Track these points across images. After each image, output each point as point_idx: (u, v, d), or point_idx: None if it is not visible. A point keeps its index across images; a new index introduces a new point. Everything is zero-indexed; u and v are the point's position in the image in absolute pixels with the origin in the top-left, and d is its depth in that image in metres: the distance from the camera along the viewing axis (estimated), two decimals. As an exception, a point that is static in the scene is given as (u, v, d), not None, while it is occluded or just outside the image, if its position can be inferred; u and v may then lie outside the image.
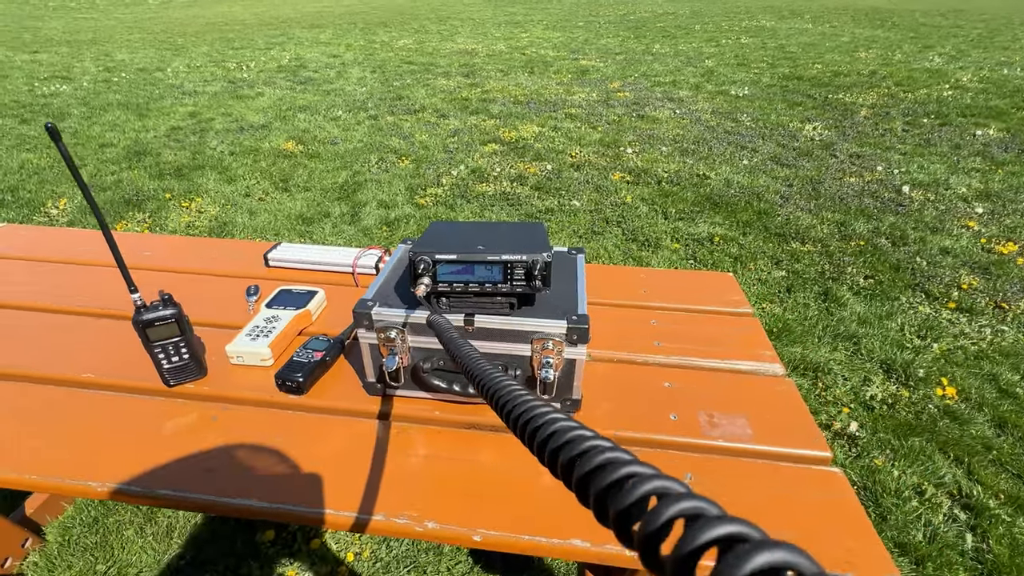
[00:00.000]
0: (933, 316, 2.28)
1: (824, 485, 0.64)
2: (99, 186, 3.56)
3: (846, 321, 2.22)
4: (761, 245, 2.83)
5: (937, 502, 1.44)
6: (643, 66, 7.47)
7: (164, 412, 0.75)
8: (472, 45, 9.31)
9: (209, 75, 6.98)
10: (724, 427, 0.72)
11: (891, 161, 4.07)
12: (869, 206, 3.31)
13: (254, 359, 0.82)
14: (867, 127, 4.90)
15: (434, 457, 0.68)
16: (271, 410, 0.76)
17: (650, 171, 3.75)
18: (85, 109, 5.40)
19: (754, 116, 5.18)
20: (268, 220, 3.06)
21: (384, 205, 3.24)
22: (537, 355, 0.67)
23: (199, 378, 0.79)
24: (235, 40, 10.11)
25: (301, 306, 0.91)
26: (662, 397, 0.78)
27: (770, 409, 0.76)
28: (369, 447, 0.70)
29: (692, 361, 0.85)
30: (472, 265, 0.63)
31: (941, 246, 2.84)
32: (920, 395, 1.83)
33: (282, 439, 0.71)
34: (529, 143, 4.31)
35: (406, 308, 0.68)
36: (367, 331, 0.69)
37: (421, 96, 5.83)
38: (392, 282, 0.75)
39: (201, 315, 0.95)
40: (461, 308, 0.68)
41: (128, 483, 0.65)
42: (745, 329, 0.94)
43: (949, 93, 5.85)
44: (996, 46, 8.48)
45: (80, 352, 0.86)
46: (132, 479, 0.65)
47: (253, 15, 14.82)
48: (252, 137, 4.48)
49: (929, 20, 12.06)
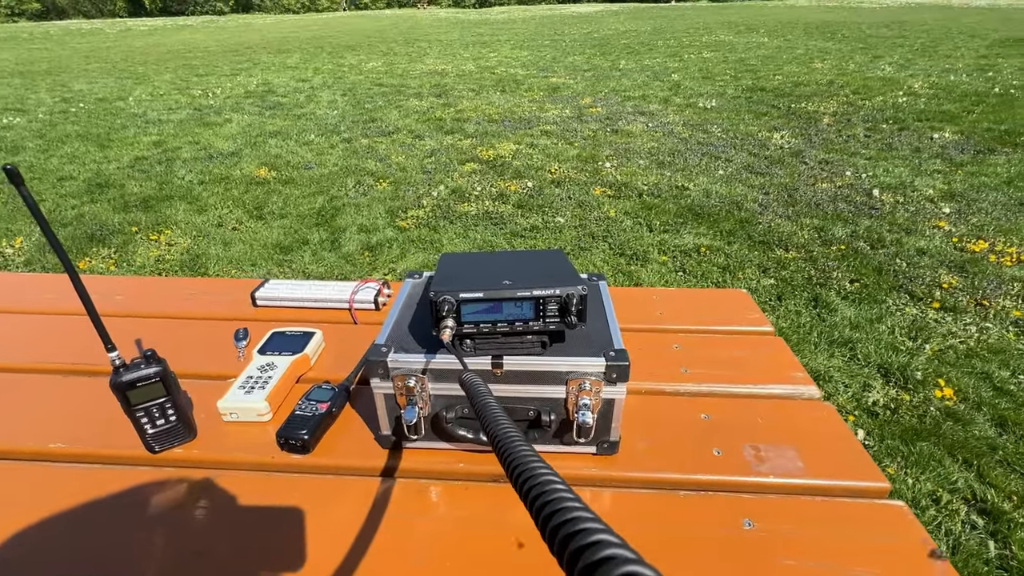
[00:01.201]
0: (920, 317, 2.31)
1: (891, 522, 0.60)
2: (59, 221, 3.37)
3: (839, 326, 2.23)
4: (747, 254, 2.84)
5: (954, 508, 1.42)
6: (612, 81, 7.61)
7: (148, 484, 0.66)
8: (442, 66, 9.36)
9: (174, 103, 6.81)
10: (773, 461, 0.67)
11: (858, 166, 4.19)
12: (844, 211, 3.38)
13: (250, 415, 0.73)
14: (831, 134, 5.06)
15: (462, 520, 0.61)
16: (272, 474, 0.67)
17: (630, 184, 3.77)
18: (41, 142, 5.18)
19: (724, 127, 5.30)
20: (244, 250, 2.93)
21: (365, 229, 3.15)
22: (573, 397, 0.61)
23: (188, 441, 0.71)
24: (199, 67, 9.93)
25: (298, 350, 0.83)
26: (700, 431, 0.72)
27: (815, 437, 0.71)
28: (386, 511, 0.62)
29: (725, 388, 0.80)
30: (500, 302, 0.57)
31: (917, 247, 2.90)
32: (920, 398, 1.83)
33: (285, 508, 0.63)
34: (507, 161, 4.29)
35: (425, 352, 0.62)
36: (382, 380, 0.62)
37: (394, 117, 5.78)
38: (405, 322, 0.68)
39: (185, 366, 0.86)
40: (488, 350, 0.61)
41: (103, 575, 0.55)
42: (770, 349, 0.90)
43: (904, 99, 6.12)
44: (939, 54, 8.96)
45: (46, 417, 0.76)
46: (108, 568, 0.56)
47: (216, 42, 14.63)
48: (222, 165, 4.35)
49: (875, 32, 12.71)
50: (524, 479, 0.27)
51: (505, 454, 0.30)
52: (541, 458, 0.29)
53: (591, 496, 0.64)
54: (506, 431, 0.32)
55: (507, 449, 0.30)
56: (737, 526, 0.59)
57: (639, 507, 0.62)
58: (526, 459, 0.28)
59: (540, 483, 0.26)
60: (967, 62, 8.09)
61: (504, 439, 0.31)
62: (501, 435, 0.32)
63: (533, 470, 0.27)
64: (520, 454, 0.29)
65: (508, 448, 0.30)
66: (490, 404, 0.38)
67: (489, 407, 0.37)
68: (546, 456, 0.68)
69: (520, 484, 0.27)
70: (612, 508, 0.62)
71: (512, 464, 0.29)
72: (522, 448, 0.30)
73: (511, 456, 0.29)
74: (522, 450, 0.29)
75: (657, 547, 0.57)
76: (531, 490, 0.25)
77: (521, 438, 0.32)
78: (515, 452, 0.29)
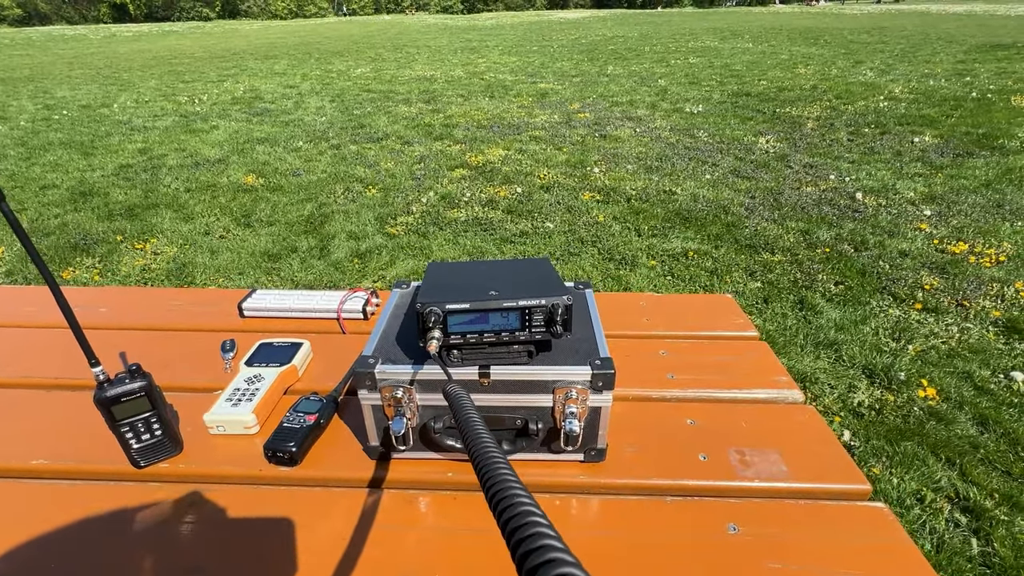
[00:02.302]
0: (903, 318, 2.35)
1: (873, 524, 0.61)
2: (42, 231, 3.32)
3: (824, 328, 2.26)
4: (734, 257, 2.88)
5: (938, 507, 1.44)
6: (600, 87, 7.67)
7: (134, 500, 0.65)
8: (430, 72, 9.38)
9: (159, 109, 6.75)
10: (758, 465, 0.68)
11: (841, 170, 4.26)
12: (828, 214, 3.44)
13: (237, 427, 0.73)
14: (815, 138, 5.14)
15: (451, 530, 0.61)
16: (259, 487, 0.67)
17: (619, 189, 3.80)
18: (23, 150, 5.10)
19: (710, 132, 5.36)
20: (231, 259, 2.91)
21: (354, 236, 3.14)
22: (560, 405, 0.62)
23: (174, 455, 0.70)
24: (185, 73, 9.86)
25: (285, 362, 0.83)
26: (687, 436, 0.73)
27: (798, 441, 0.72)
28: (375, 523, 0.62)
29: (710, 393, 0.81)
30: (487, 313, 0.58)
31: (899, 249, 2.96)
32: (904, 398, 1.86)
33: (274, 521, 0.63)
34: (496, 166, 4.31)
35: (412, 364, 0.62)
36: (370, 392, 0.62)
37: (383, 124, 5.78)
38: (392, 333, 0.68)
39: (171, 378, 0.85)
40: (475, 359, 0.62)
41: (94, 594, 0.55)
42: (755, 354, 0.91)
43: (885, 104, 6.24)
44: (919, 60, 9.15)
45: (27, 433, 0.75)
46: (99, 588, 0.55)
47: (202, 48, 14.53)
48: (209, 172, 4.31)
49: (856, 38, 12.95)
50: (491, 484, 0.29)
51: (477, 462, 0.32)
52: (508, 465, 0.31)
53: (578, 504, 0.64)
54: (481, 441, 0.34)
55: (479, 457, 0.33)
56: (722, 531, 0.60)
57: (626, 513, 0.63)
58: (495, 466, 0.31)
59: (503, 489, 0.28)
60: (946, 67, 8.27)
61: (477, 448, 0.34)
62: (474, 444, 0.34)
63: (499, 477, 0.29)
64: (489, 460, 0.31)
65: (480, 456, 0.33)
66: (470, 417, 0.39)
67: (469, 420, 0.38)
68: (533, 464, 0.68)
69: (488, 489, 0.29)
70: (600, 515, 0.63)
71: (482, 470, 0.31)
72: (493, 455, 0.32)
73: (481, 463, 0.32)
74: (492, 457, 0.32)
75: (643, 553, 0.58)
76: (496, 495, 0.28)
77: (494, 447, 0.34)
78: (485, 458, 0.32)
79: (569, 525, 0.61)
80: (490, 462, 0.31)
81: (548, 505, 0.63)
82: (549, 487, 0.67)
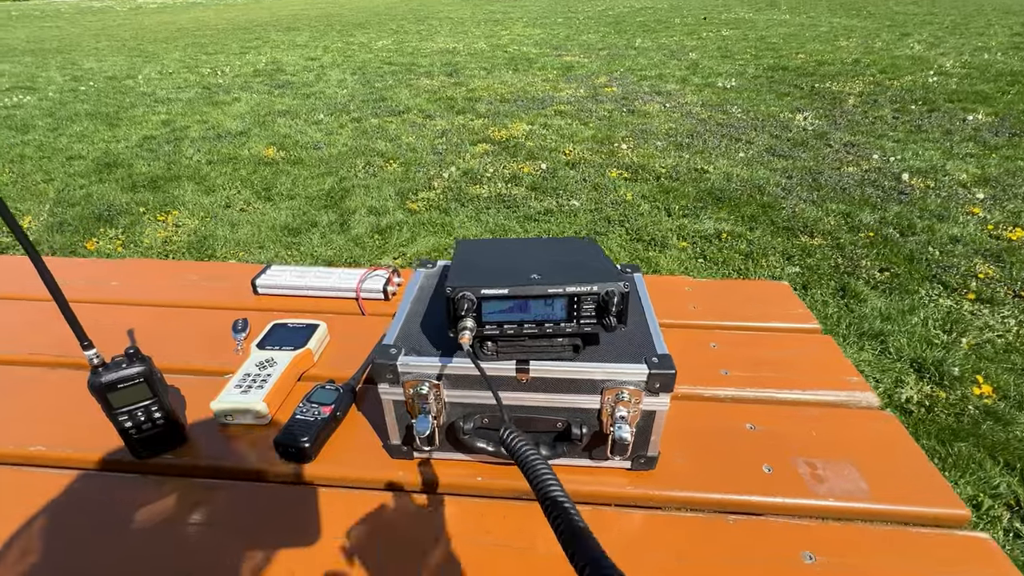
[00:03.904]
0: (955, 308, 2.19)
1: (975, 557, 0.52)
2: (67, 201, 3.34)
3: (868, 318, 2.12)
4: (770, 240, 2.73)
5: (996, 515, 1.33)
6: (627, 60, 7.38)
7: (133, 494, 0.59)
8: (453, 44, 9.15)
9: (183, 81, 6.73)
10: (832, 481, 0.59)
11: (886, 149, 4.02)
12: (872, 195, 3.24)
13: (247, 417, 0.67)
14: (857, 115, 4.86)
15: (479, 542, 0.54)
16: (269, 485, 0.61)
17: (647, 167, 3.64)
18: (51, 120, 5.14)
19: (744, 108, 5.11)
20: (251, 232, 2.87)
21: (374, 212, 3.08)
22: (608, 408, 0.54)
23: (178, 446, 0.64)
24: (208, 45, 9.82)
25: (300, 345, 0.76)
26: (747, 444, 0.64)
27: (877, 452, 0.63)
28: (396, 531, 0.55)
29: (771, 393, 0.72)
30: (528, 300, 0.49)
31: (950, 234, 2.77)
32: (958, 395, 1.73)
33: (284, 523, 0.56)
34: (520, 142, 4.17)
35: (440, 356, 0.54)
36: (391, 386, 0.55)
37: (405, 97, 5.65)
38: (416, 319, 0.61)
39: (180, 359, 0.79)
40: (512, 353, 0.54)
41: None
42: (819, 348, 0.81)
43: (934, 79, 5.86)
44: (971, 32, 8.56)
45: (26, 417, 0.70)
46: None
47: (226, 20, 14.46)
48: (230, 144, 4.27)
49: (903, 8, 12.20)
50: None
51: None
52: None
53: (621, 518, 0.56)
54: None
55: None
56: (796, 559, 0.52)
57: (680, 531, 0.55)
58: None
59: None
60: (1001, 40, 7.72)
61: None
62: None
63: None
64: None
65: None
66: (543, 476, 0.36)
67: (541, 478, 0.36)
68: (572, 470, 0.61)
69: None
70: (646, 531, 0.55)
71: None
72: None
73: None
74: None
75: (703, 581, 0.50)
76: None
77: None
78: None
79: (611, 540, 0.54)
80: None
81: (587, 517, 0.56)
82: (590, 497, 0.59)
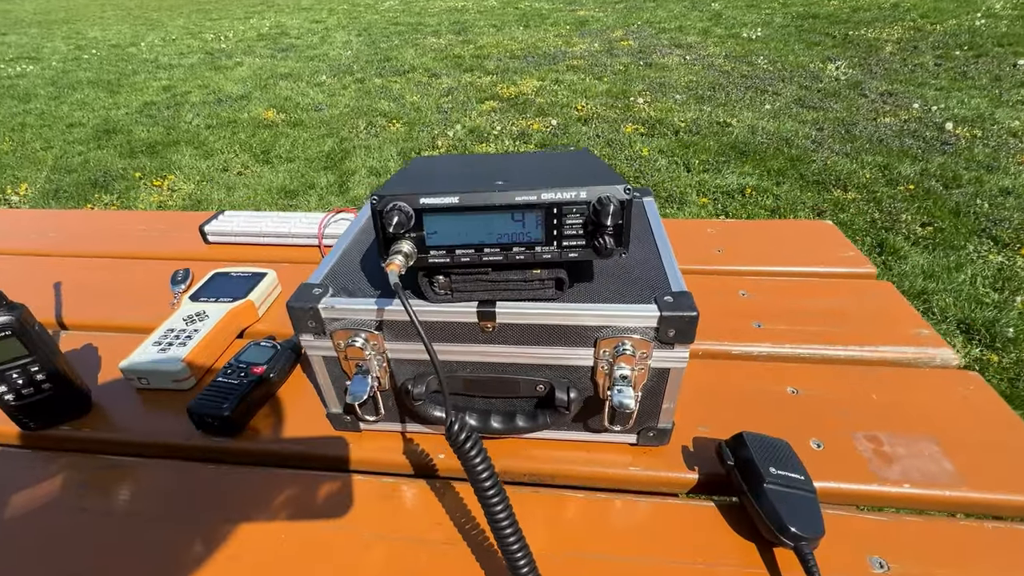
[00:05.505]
0: (1007, 265, 1.98)
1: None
2: (65, 168, 3.26)
3: (910, 276, 1.93)
4: (799, 195, 2.51)
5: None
6: (645, 13, 6.96)
7: (14, 473, 0.48)
8: (461, 2, 8.76)
9: (185, 48, 6.58)
10: (904, 461, 0.44)
11: (927, 98, 3.69)
12: (912, 146, 2.97)
13: (163, 380, 0.55)
14: (895, 63, 4.48)
15: (440, 533, 0.42)
16: (186, 463, 0.49)
17: (665, 121, 3.40)
18: (53, 89, 5.06)
19: (770, 58, 4.76)
20: (247, 195, 2.76)
21: (375, 172, 2.93)
22: (605, 364, 0.40)
23: (79, 416, 0.52)
24: (212, 11, 9.60)
25: (240, 296, 0.64)
26: (789, 412, 0.50)
27: (962, 424, 0.48)
28: (339, 524, 0.43)
29: (817, 350, 0.57)
30: (488, 213, 0.35)
31: (1000, 186, 2.52)
32: (1012, 358, 1.55)
33: (201, 511, 0.45)
34: (530, 98, 3.94)
35: (378, 297, 0.40)
36: (316, 337, 0.42)
37: (410, 56, 5.41)
38: (355, 257, 0.47)
39: (110, 316, 0.68)
40: (471, 291, 0.39)
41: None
42: (877, 296, 0.65)
43: (981, 22, 5.38)
44: (1027, -30, 7.84)
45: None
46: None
47: (230, -15, 14.11)
48: (230, 108, 4.14)
49: (949, -51, 11.26)
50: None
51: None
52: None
53: (624, 507, 0.43)
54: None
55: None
56: (862, 566, 0.38)
57: (701, 527, 0.42)
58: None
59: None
60: (1060, -22, 7.05)
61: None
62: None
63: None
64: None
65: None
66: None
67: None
68: (563, 445, 0.47)
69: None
70: (655, 522, 0.42)
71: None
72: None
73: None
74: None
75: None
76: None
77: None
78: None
79: (611, 535, 0.41)
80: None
81: (583, 506, 0.43)
82: (585, 479, 0.46)
